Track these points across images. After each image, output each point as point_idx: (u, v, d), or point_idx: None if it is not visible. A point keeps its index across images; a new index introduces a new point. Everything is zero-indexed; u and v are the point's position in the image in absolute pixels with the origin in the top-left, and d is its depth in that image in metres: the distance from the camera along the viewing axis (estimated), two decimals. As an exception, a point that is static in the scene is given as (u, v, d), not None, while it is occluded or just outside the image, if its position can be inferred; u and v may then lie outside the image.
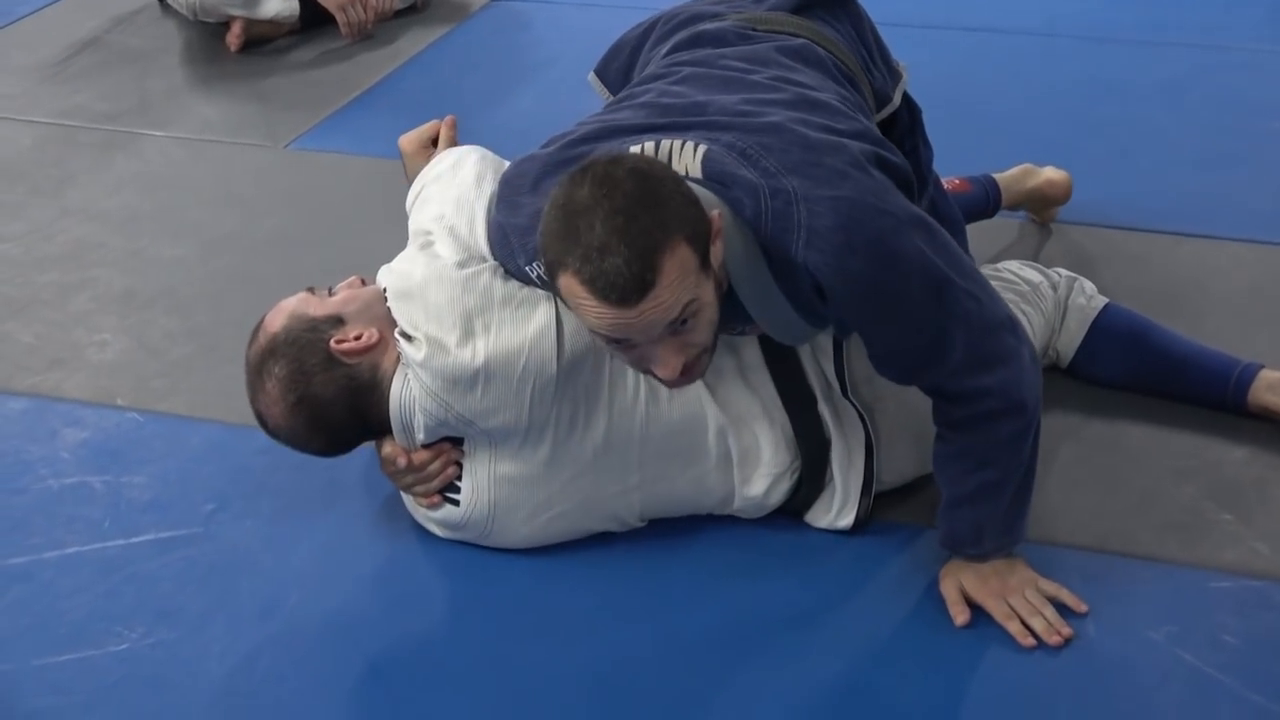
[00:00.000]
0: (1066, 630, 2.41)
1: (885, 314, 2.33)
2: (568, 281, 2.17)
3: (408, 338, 2.48)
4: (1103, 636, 2.42)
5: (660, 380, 2.31)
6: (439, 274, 2.49)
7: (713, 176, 2.30)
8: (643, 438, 2.55)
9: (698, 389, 2.56)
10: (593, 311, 2.17)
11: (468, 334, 2.44)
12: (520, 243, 2.43)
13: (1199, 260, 3.41)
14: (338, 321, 2.53)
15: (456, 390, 2.44)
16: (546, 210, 2.21)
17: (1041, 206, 3.51)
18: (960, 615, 2.45)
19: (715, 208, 2.27)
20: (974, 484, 2.45)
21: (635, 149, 2.34)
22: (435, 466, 2.56)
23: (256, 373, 2.52)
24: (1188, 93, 4.26)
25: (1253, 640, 2.41)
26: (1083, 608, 2.45)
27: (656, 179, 2.19)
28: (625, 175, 2.17)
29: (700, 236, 2.20)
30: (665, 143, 2.35)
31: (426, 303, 2.48)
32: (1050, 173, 3.50)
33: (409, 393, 2.49)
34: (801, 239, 2.26)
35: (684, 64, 2.62)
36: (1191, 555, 2.58)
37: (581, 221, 2.14)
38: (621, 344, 2.24)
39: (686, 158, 2.32)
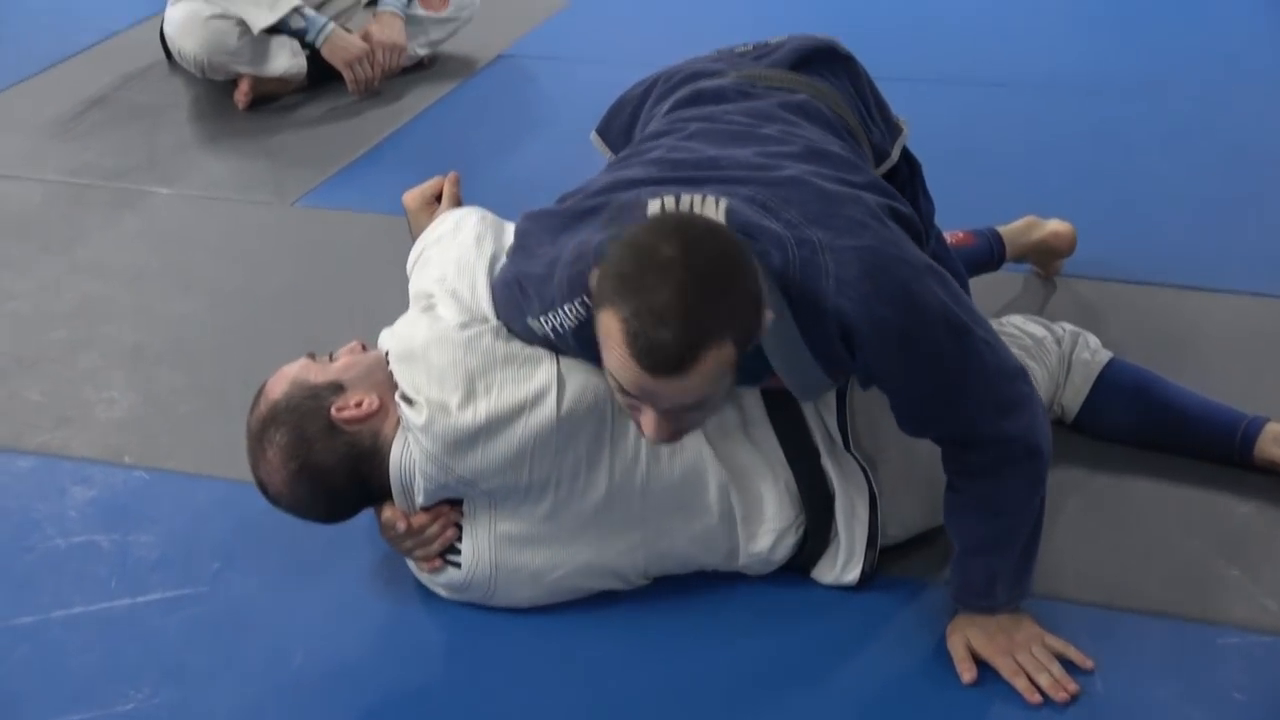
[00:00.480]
0: (1073, 686, 2.41)
1: (913, 360, 2.34)
2: (610, 320, 2.15)
3: (408, 401, 2.48)
4: (1110, 693, 2.41)
5: (644, 434, 2.29)
6: (441, 336, 2.50)
7: (738, 229, 2.29)
8: (643, 494, 2.55)
9: (699, 445, 2.56)
10: (619, 358, 2.16)
11: (469, 395, 2.44)
12: (537, 291, 2.43)
13: (1204, 312, 3.41)
14: (338, 388, 2.53)
15: (458, 452, 2.45)
16: (621, 242, 2.19)
17: (1046, 259, 3.52)
18: (967, 673, 2.44)
19: (771, 310, 2.25)
20: (989, 532, 2.46)
21: (655, 202, 2.33)
22: (434, 529, 2.55)
23: (258, 440, 2.52)
24: (1191, 144, 4.28)
25: (1261, 697, 2.40)
26: (1089, 664, 2.44)
27: (740, 269, 2.18)
28: (716, 253, 2.16)
29: (747, 339, 2.20)
30: (685, 196, 2.34)
31: (429, 365, 2.48)
32: (1055, 225, 3.50)
33: (409, 456, 2.49)
34: (831, 286, 2.27)
35: (689, 120, 2.63)
36: (1199, 610, 2.58)
37: (654, 277, 2.12)
38: (624, 390, 2.24)
39: (709, 211, 2.31)
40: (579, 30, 5.40)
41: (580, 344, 2.36)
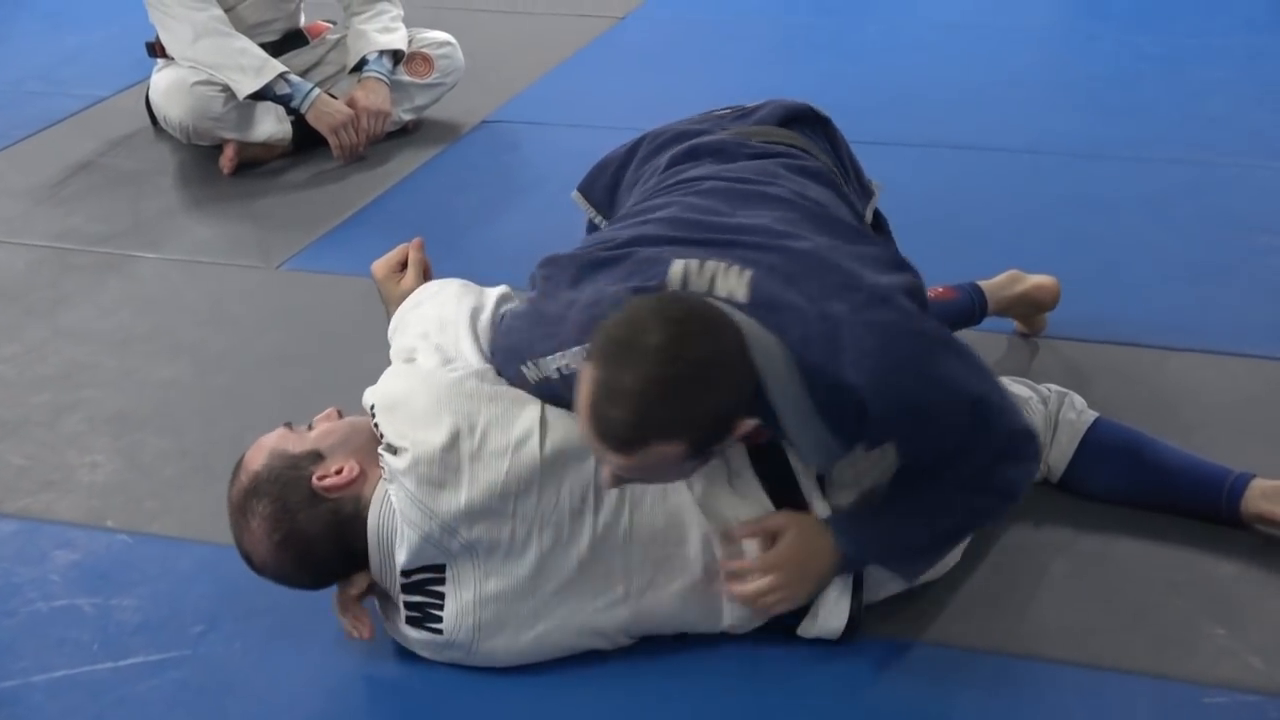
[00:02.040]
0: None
1: (923, 429, 2.42)
2: (585, 376, 2.25)
3: (393, 451, 2.48)
4: (1098, 753, 2.41)
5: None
6: (425, 379, 2.51)
7: (760, 302, 2.35)
8: (626, 545, 2.54)
9: (683, 496, 2.56)
10: (582, 414, 2.26)
11: (454, 436, 2.46)
12: (548, 330, 2.47)
13: (1188, 374, 3.42)
14: (317, 457, 2.53)
15: (441, 495, 2.45)
16: (628, 305, 2.28)
17: (1030, 312, 3.51)
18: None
19: (754, 419, 2.31)
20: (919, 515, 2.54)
21: (679, 263, 2.39)
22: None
23: (240, 512, 2.52)
24: (1175, 208, 4.29)
25: (1249, 756, 2.40)
26: None
27: (716, 382, 2.24)
28: (700, 358, 2.22)
29: (703, 445, 2.29)
30: (710, 264, 2.39)
31: (413, 410, 2.50)
32: (1038, 278, 3.50)
33: (387, 516, 2.49)
34: (848, 360, 2.31)
35: (700, 178, 2.66)
36: (1186, 670, 2.57)
37: (631, 357, 2.21)
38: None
39: (731, 281, 2.37)
40: (563, 95, 5.41)
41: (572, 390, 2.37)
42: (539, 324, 2.51)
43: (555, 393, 2.49)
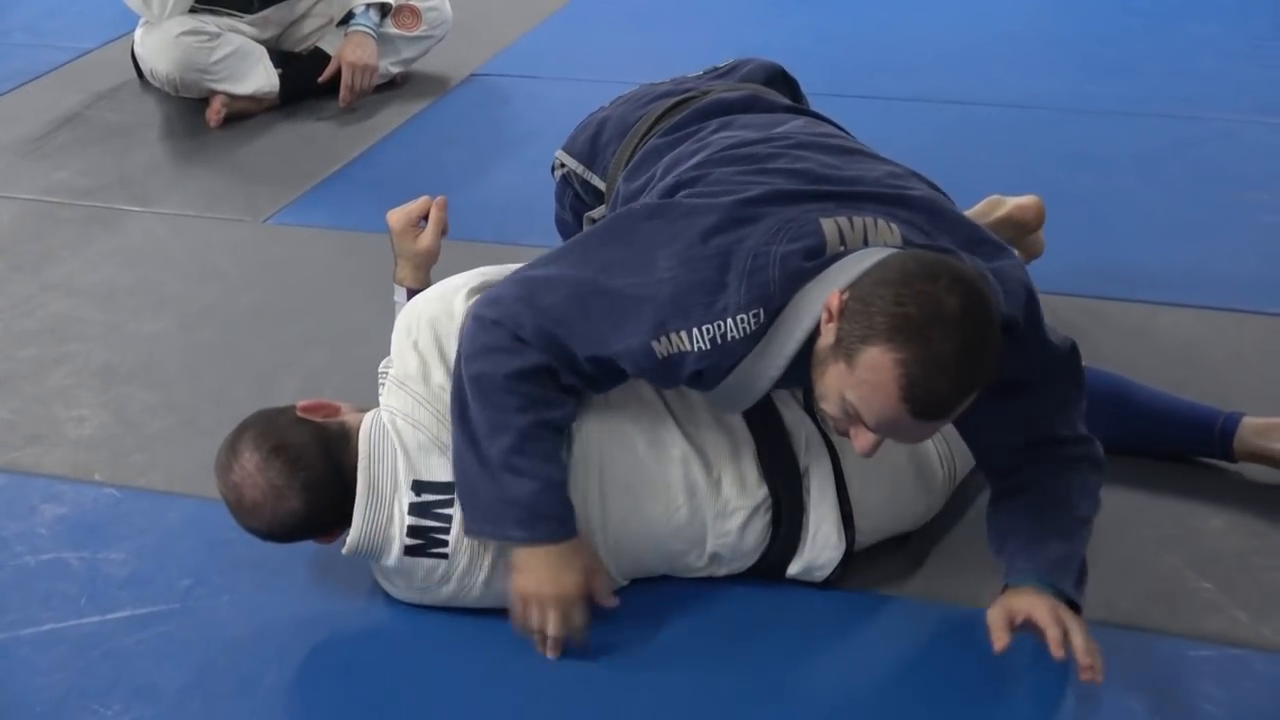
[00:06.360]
0: (1100, 676, 2.36)
1: (1052, 360, 2.52)
2: (881, 358, 2.20)
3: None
4: (1083, 706, 2.43)
5: (855, 446, 2.34)
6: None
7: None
8: (602, 468, 2.56)
9: (664, 418, 2.59)
10: (882, 396, 2.22)
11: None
12: (699, 299, 2.35)
13: (1178, 329, 3.42)
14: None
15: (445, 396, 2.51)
16: (895, 282, 2.23)
17: (1017, 235, 3.46)
18: (1001, 641, 2.39)
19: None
20: (1083, 516, 2.54)
21: (829, 221, 2.37)
22: None
23: (231, 451, 2.55)
24: (1165, 164, 4.29)
25: (1234, 709, 2.41)
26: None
27: (997, 320, 2.29)
28: (985, 306, 2.24)
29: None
30: (858, 220, 2.39)
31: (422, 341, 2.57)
32: (1018, 199, 3.48)
33: (379, 432, 2.54)
34: (1001, 297, 2.37)
35: (784, 137, 2.65)
36: (1172, 624, 2.58)
37: (940, 329, 2.19)
38: (856, 415, 2.27)
39: (884, 235, 2.38)
40: (553, 49, 5.40)
41: (722, 358, 2.36)
42: (685, 294, 2.36)
43: (675, 367, 2.38)
